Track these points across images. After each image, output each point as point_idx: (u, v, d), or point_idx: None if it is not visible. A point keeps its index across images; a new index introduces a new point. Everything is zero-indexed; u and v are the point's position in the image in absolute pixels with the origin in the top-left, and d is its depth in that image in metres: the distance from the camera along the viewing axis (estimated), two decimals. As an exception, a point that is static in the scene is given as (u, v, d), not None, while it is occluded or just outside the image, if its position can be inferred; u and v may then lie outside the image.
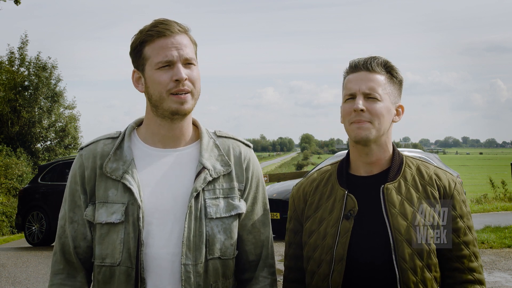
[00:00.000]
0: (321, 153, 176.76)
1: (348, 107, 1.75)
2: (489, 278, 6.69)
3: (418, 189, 1.75)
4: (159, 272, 1.65)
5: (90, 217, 1.70)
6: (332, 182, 1.84)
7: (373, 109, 1.71)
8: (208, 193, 1.70)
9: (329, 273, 1.71)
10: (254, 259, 1.81)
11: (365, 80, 1.73)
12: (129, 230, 1.65)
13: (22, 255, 9.99)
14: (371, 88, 1.72)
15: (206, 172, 1.71)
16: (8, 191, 21.80)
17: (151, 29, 1.67)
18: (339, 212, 1.75)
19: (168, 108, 1.67)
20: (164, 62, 1.64)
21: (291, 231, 1.90)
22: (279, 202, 9.92)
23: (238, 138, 1.86)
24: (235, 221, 1.74)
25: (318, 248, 1.76)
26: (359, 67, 1.76)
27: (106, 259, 1.67)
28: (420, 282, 1.65)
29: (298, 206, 1.89)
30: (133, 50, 1.71)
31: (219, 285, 1.71)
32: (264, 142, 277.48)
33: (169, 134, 1.74)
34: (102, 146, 1.76)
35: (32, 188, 11.73)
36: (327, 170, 1.90)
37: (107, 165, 1.70)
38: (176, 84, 1.65)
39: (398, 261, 1.65)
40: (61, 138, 28.40)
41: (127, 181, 1.67)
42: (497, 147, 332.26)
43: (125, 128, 1.80)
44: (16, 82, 26.55)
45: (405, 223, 1.68)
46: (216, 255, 1.69)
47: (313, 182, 1.89)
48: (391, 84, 1.77)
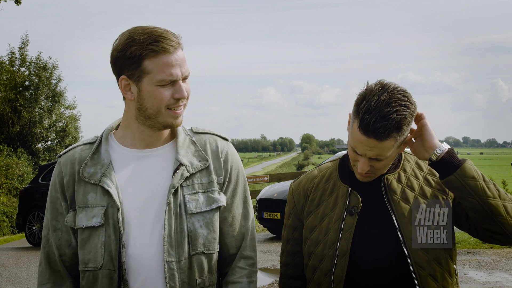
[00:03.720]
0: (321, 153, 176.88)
1: (353, 155, 1.72)
2: (489, 278, 6.69)
3: (418, 178, 1.78)
4: (142, 272, 1.65)
5: (71, 223, 1.70)
6: (334, 179, 1.85)
7: (378, 166, 1.70)
8: (186, 189, 1.71)
9: (331, 268, 1.72)
10: (235, 252, 1.80)
11: (373, 148, 1.65)
12: (109, 232, 1.65)
13: (23, 255, 10.00)
14: (378, 155, 1.67)
15: (183, 168, 1.71)
16: (9, 191, 21.81)
17: (153, 44, 1.63)
18: (342, 208, 1.76)
19: (163, 122, 1.69)
20: (168, 81, 1.64)
21: (290, 227, 1.90)
22: (279, 202, 9.92)
23: (214, 132, 1.86)
24: (216, 214, 1.75)
25: (321, 243, 1.77)
26: (370, 132, 1.63)
27: (89, 264, 1.67)
28: (432, 260, 1.67)
29: (298, 202, 1.89)
30: (126, 58, 1.65)
31: (205, 281, 1.72)
32: (264, 142, 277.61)
33: (150, 138, 1.75)
34: (79, 152, 1.76)
35: (32, 188, 11.75)
36: (327, 167, 1.91)
37: (84, 170, 1.71)
38: (176, 101, 1.67)
39: (406, 242, 1.66)
40: (62, 138, 28.41)
41: (105, 184, 1.67)
42: (498, 147, 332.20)
43: (102, 132, 1.80)
44: (16, 82, 26.57)
45: (408, 206, 1.71)
46: (199, 250, 1.70)
47: (314, 179, 1.90)
48: (403, 134, 1.67)
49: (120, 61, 1.67)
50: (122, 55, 1.66)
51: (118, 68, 1.68)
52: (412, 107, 1.65)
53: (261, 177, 14.69)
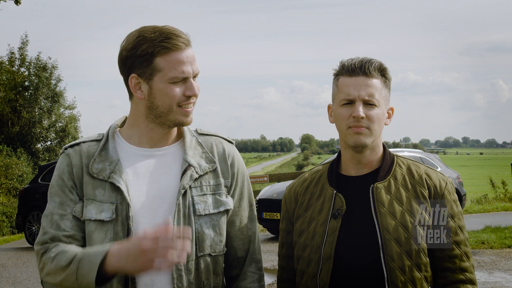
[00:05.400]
0: (321, 153, 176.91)
1: (345, 112, 1.72)
2: (489, 278, 6.70)
3: (408, 188, 1.74)
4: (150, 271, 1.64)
5: (79, 214, 1.67)
6: (322, 182, 1.84)
7: (371, 116, 1.70)
8: (195, 190, 1.71)
9: (317, 272, 1.72)
10: (242, 255, 1.82)
11: (364, 86, 1.70)
12: (117, 229, 1.65)
13: (23, 255, 10.01)
14: (370, 94, 1.70)
15: (192, 170, 1.71)
16: (9, 191, 21.79)
17: (165, 41, 1.63)
18: (328, 212, 1.75)
19: (174, 119, 1.69)
20: (180, 78, 1.65)
21: (284, 231, 1.90)
22: (279, 202, 9.92)
23: (219, 135, 1.87)
24: (223, 217, 1.75)
25: (308, 247, 1.76)
26: (356, 71, 1.71)
27: None
28: (408, 281, 1.65)
29: (289, 206, 1.90)
30: (137, 56, 1.65)
31: (211, 283, 1.72)
32: (264, 142, 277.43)
33: (158, 136, 1.75)
34: (87, 147, 1.75)
35: (32, 188, 11.75)
36: (318, 170, 1.91)
37: (93, 166, 1.69)
38: (187, 99, 1.68)
39: (386, 260, 1.65)
40: (62, 139, 28.37)
41: (115, 180, 1.67)
42: (497, 147, 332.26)
43: (108, 130, 1.79)
44: (16, 82, 26.53)
45: (394, 222, 1.68)
46: (206, 252, 1.70)
47: (304, 182, 1.90)
48: (386, 87, 1.76)
49: (131, 60, 1.67)
50: (132, 53, 1.66)
51: (128, 67, 1.68)
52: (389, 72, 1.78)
53: (261, 177, 14.71)
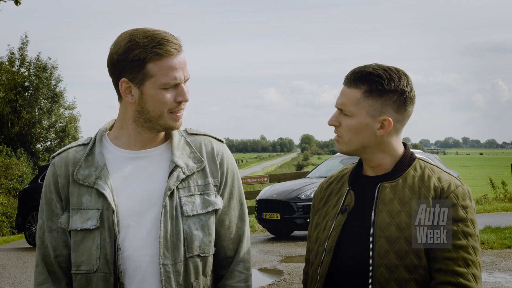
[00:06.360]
0: (321, 153, 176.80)
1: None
2: (489, 279, 6.69)
3: (413, 190, 1.72)
4: (138, 274, 1.65)
5: (65, 224, 1.69)
6: (344, 180, 1.88)
7: (342, 125, 1.73)
8: (182, 191, 1.71)
9: (319, 263, 1.76)
10: (232, 255, 1.81)
11: (341, 95, 1.74)
12: (105, 235, 1.65)
13: (22, 255, 10.01)
14: (342, 104, 1.72)
15: (179, 170, 1.71)
16: (8, 191, 21.82)
17: (157, 47, 1.62)
18: (339, 207, 1.80)
19: (165, 124, 1.69)
20: (172, 84, 1.65)
21: (310, 225, 1.94)
22: (279, 203, 9.91)
23: (209, 133, 1.86)
24: (212, 217, 1.75)
25: (318, 240, 1.81)
26: (345, 79, 1.74)
27: (81, 267, 1.66)
28: (393, 280, 1.63)
29: (315, 201, 1.95)
30: (129, 61, 1.63)
31: (200, 284, 1.72)
32: (264, 142, 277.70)
33: (146, 139, 1.74)
34: (73, 153, 1.75)
35: (32, 188, 11.76)
36: (345, 168, 1.95)
37: (78, 172, 1.70)
38: (178, 104, 1.68)
39: (374, 256, 1.66)
40: (61, 139, 28.43)
41: (100, 186, 1.66)
42: (497, 147, 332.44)
43: (96, 133, 1.79)
44: (16, 82, 26.58)
45: (388, 220, 1.69)
46: (195, 253, 1.70)
47: (330, 179, 1.95)
48: (371, 97, 1.69)
49: (122, 64, 1.65)
50: (124, 58, 1.64)
51: (119, 71, 1.67)
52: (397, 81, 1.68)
53: (261, 178, 14.70)
